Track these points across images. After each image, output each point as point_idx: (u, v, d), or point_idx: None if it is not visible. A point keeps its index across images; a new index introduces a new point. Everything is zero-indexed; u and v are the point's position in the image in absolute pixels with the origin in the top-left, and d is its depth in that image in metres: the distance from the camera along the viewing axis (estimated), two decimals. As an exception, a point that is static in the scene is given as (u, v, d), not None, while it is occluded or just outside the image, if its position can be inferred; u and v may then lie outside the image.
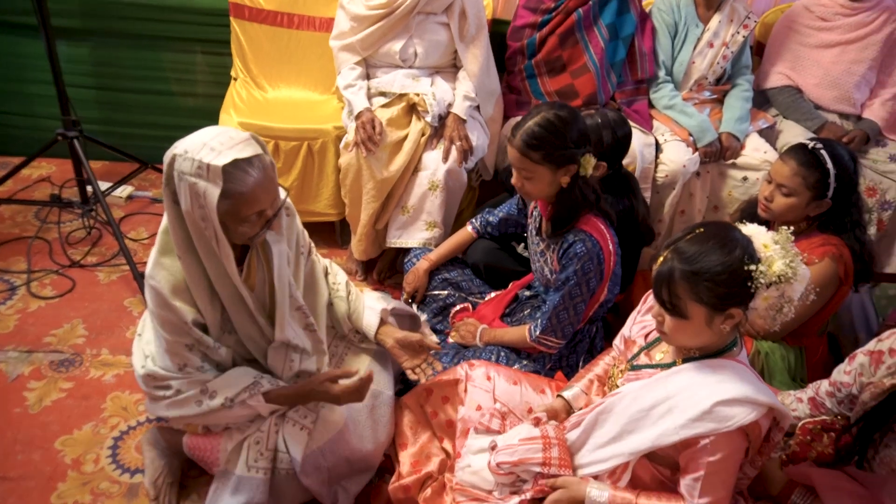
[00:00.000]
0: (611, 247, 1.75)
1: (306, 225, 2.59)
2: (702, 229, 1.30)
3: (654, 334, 1.51)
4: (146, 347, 1.56)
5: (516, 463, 1.45)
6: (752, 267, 1.24)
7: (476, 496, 1.51)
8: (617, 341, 1.64)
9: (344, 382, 1.58)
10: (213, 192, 1.28)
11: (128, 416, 1.84)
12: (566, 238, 1.74)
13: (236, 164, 1.29)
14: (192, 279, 1.43)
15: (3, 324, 2.08)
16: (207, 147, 1.29)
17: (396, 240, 2.35)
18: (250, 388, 1.52)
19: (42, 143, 2.42)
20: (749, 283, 1.25)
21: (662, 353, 1.45)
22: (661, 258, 1.31)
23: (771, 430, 1.38)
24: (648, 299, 1.57)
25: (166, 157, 1.32)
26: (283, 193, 1.47)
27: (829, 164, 1.76)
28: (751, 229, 1.33)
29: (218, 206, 1.30)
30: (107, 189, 2.56)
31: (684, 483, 1.35)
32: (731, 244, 1.26)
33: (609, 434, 1.43)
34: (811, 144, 1.81)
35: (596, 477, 1.45)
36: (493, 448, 1.52)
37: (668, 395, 1.33)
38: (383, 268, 2.52)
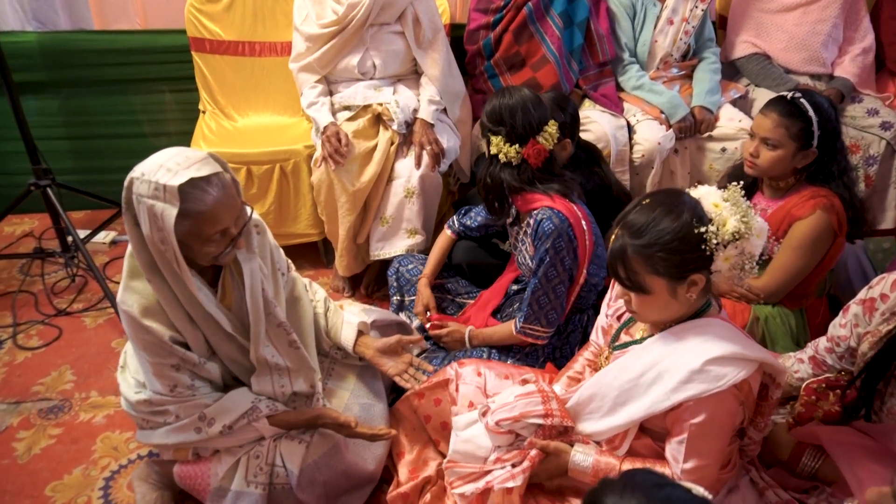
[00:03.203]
0: (584, 224, 1.72)
1: (289, 247, 2.62)
2: (648, 199, 1.27)
3: (628, 314, 1.47)
4: (136, 376, 1.54)
5: (517, 418, 1.40)
6: (703, 229, 1.21)
7: (469, 474, 1.44)
8: (593, 336, 1.60)
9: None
10: (171, 212, 1.27)
11: (118, 456, 1.81)
12: (535, 218, 1.71)
13: (194, 183, 1.28)
14: (166, 301, 1.42)
15: (-11, 378, 2.07)
16: (164, 168, 1.28)
17: (380, 251, 2.33)
18: (248, 415, 1.50)
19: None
20: (703, 247, 1.22)
21: (642, 329, 1.42)
22: (613, 235, 1.27)
23: (768, 388, 1.33)
24: (617, 284, 1.53)
25: (126, 182, 1.32)
26: (248, 211, 1.45)
27: (811, 112, 1.75)
28: (700, 191, 1.30)
29: (179, 227, 1.29)
30: (87, 235, 2.56)
31: (670, 448, 1.31)
32: (679, 209, 1.23)
33: (602, 409, 1.39)
34: (790, 95, 1.80)
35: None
36: (485, 413, 1.47)
37: (655, 360, 1.29)
38: (370, 282, 2.49)
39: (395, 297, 2.17)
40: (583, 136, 2.36)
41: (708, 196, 1.27)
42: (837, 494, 1.43)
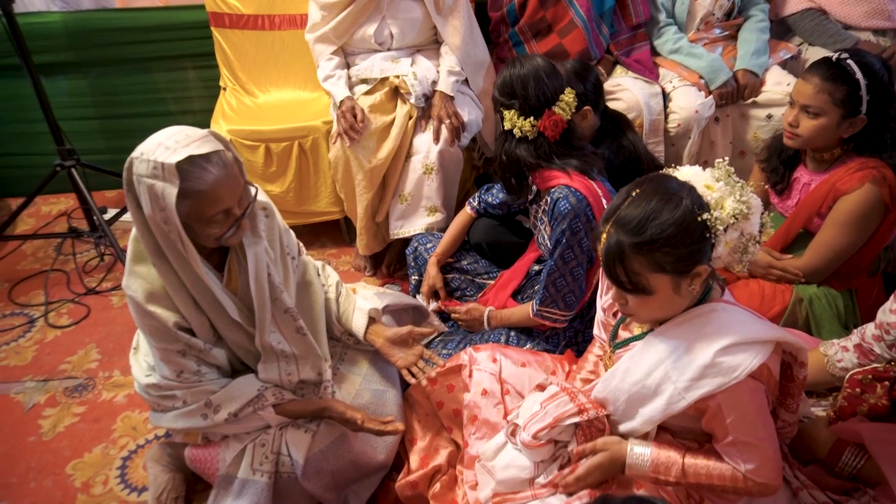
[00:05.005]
0: (604, 203, 1.60)
1: (311, 226, 2.59)
2: (638, 190, 1.15)
3: None
4: (147, 359, 1.54)
5: (552, 424, 1.32)
6: (707, 215, 1.10)
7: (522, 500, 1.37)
8: (596, 331, 1.49)
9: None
10: (171, 191, 1.23)
11: (136, 435, 1.83)
12: (552, 197, 1.62)
13: (192, 161, 1.24)
14: (171, 286, 1.39)
15: (21, 356, 2.12)
16: (162, 146, 1.25)
17: (399, 230, 2.27)
18: (254, 403, 1.48)
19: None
20: (708, 234, 1.11)
21: (640, 325, 1.31)
22: (604, 234, 1.16)
23: (791, 368, 1.22)
24: (612, 285, 1.42)
25: (126, 163, 1.29)
26: (252, 191, 1.41)
27: (859, 75, 1.57)
28: (686, 173, 1.19)
29: (180, 208, 1.25)
30: (116, 214, 2.59)
31: (722, 451, 1.21)
32: (676, 197, 1.11)
33: (616, 413, 1.31)
34: (836, 56, 1.62)
35: None
36: (514, 432, 1.40)
37: (661, 358, 1.19)
38: (392, 260, 2.44)
39: (413, 277, 2.12)
40: (614, 105, 2.22)
41: (697, 179, 1.16)
42: (881, 499, 1.30)
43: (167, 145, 1.25)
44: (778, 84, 2.30)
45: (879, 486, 1.32)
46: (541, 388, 1.45)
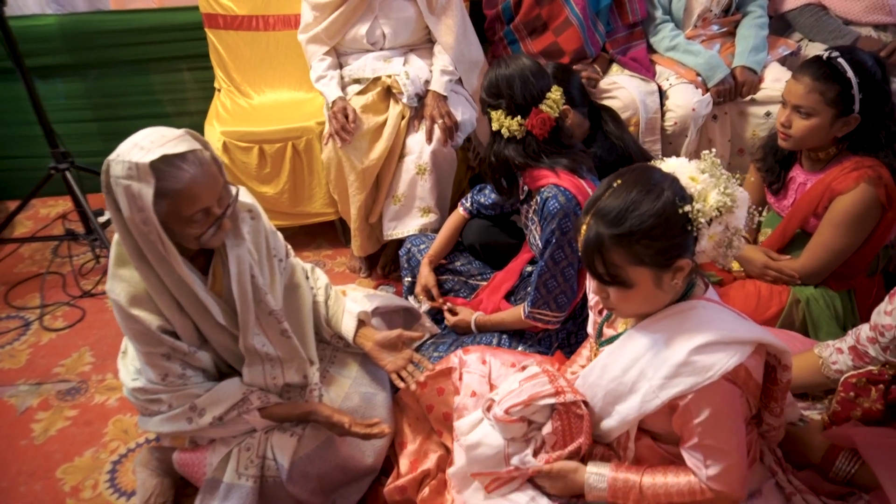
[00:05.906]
0: (594, 201, 1.58)
1: (306, 227, 2.58)
2: (619, 181, 1.13)
3: None
4: (134, 363, 1.54)
5: (527, 402, 1.30)
6: (688, 208, 1.08)
7: (498, 474, 1.35)
8: (590, 329, 1.48)
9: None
10: (147, 191, 1.22)
11: (127, 439, 1.83)
12: (542, 196, 1.60)
13: (167, 160, 1.23)
14: (154, 289, 1.39)
15: (15, 359, 2.13)
16: (137, 147, 1.25)
17: (392, 231, 2.26)
18: (239, 406, 1.47)
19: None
20: (689, 227, 1.09)
21: (624, 322, 1.29)
22: (584, 225, 1.14)
23: (775, 371, 1.19)
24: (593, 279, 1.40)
25: (104, 166, 1.28)
26: (233, 190, 1.40)
27: (850, 74, 1.55)
28: (671, 164, 1.16)
29: (157, 208, 1.25)
30: (110, 217, 2.58)
31: (686, 456, 1.19)
32: (657, 188, 1.09)
33: (594, 411, 1.29)
34: (826, 54, 1.59)
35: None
36: (489, 409, 1.38)
37: (637, 355, 1.18)
38: (386, 262, 2.43)
39: (406, 279, 2.10)
40: (609, 103, 2.20)
41: (682, 170, 1.13)
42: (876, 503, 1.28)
43: (142, 146, 1.24)
44: (777, 81, 2.26)
45: (874, 491, 1.30)
46: (523, 369, 1.44)
